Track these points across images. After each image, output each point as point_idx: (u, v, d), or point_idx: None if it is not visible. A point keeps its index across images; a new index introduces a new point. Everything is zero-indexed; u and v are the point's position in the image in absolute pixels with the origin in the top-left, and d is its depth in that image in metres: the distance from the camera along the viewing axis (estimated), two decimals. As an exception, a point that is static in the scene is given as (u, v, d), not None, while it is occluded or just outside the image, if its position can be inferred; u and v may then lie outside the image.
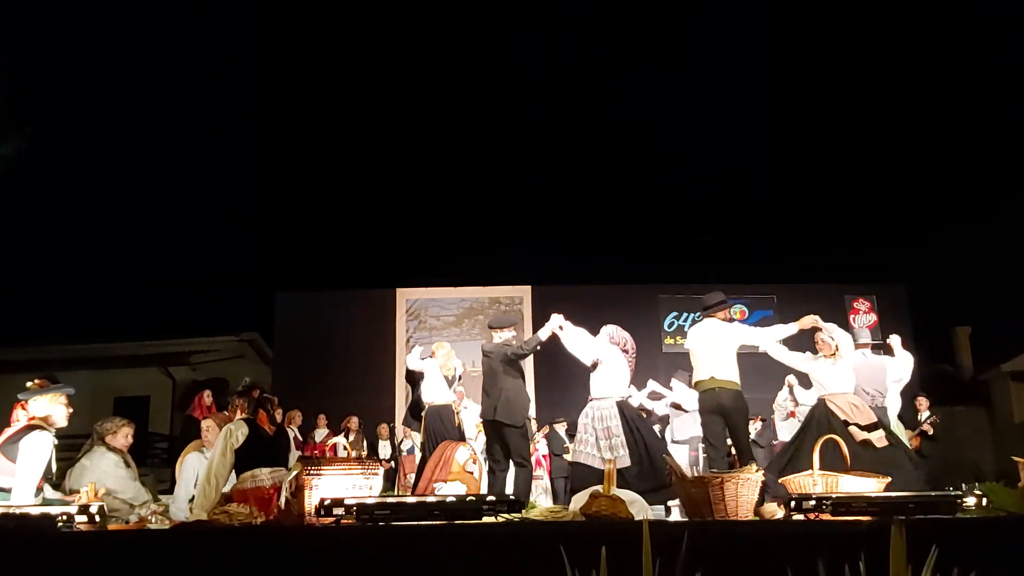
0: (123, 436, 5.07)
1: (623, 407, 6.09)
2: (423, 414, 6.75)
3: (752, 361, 6.30)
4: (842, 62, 28.63)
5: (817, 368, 6.15)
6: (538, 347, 6.30)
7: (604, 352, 6.23)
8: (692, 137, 31.96)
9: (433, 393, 6.73)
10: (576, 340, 6.26)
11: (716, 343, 6.00)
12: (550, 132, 32.97)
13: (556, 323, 6.24)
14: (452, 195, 31.27)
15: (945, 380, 15.61)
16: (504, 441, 6.08)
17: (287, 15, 30.41)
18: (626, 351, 6.31)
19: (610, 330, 6.39)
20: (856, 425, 5.76)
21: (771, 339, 6.05)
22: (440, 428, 6.46)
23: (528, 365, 7.48)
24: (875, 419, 5.93)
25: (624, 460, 5.80)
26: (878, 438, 5.75)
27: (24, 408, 4.38)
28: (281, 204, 30.43)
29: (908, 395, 9.57)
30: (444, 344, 7.04)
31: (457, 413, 6.65)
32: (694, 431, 8.40)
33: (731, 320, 6.25)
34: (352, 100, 32.60)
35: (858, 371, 6.36)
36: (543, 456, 9.93)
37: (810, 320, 5.99)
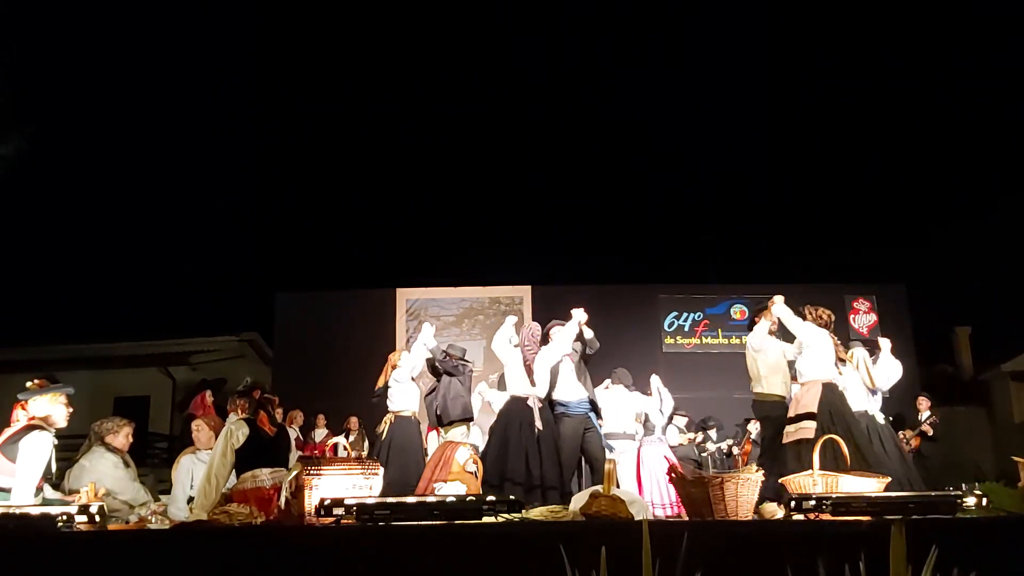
0: (123, 436, 5.05)
1: (506, 407, 6.13)
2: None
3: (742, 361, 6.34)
4: (842, 62, 28.65)
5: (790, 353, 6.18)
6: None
7: (507, 356, 6.31)
8: (692, 137, 32.01)
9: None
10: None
11: (746, 355, 6.15)
12: (550, 132, 33.00)
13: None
14: (452, 195, 31.30)
15: (945, 380, 15.60)
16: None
17: (287, 15, 30.41)
18: (520, 347, 6.34)
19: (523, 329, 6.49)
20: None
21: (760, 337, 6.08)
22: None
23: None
24: (809, 410, 5.59)
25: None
26: (793, 430, 5.58)
27: (24, 408, 4.38)
28: (281, 204, 30.48)
29: (908, 395, 9.59)
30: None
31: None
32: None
33: (752, 327, 6.29)
34: (352, 100, 32.63)
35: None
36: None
37: (772, 300, 6.02)
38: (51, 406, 4.35)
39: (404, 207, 31.90)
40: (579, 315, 6.34)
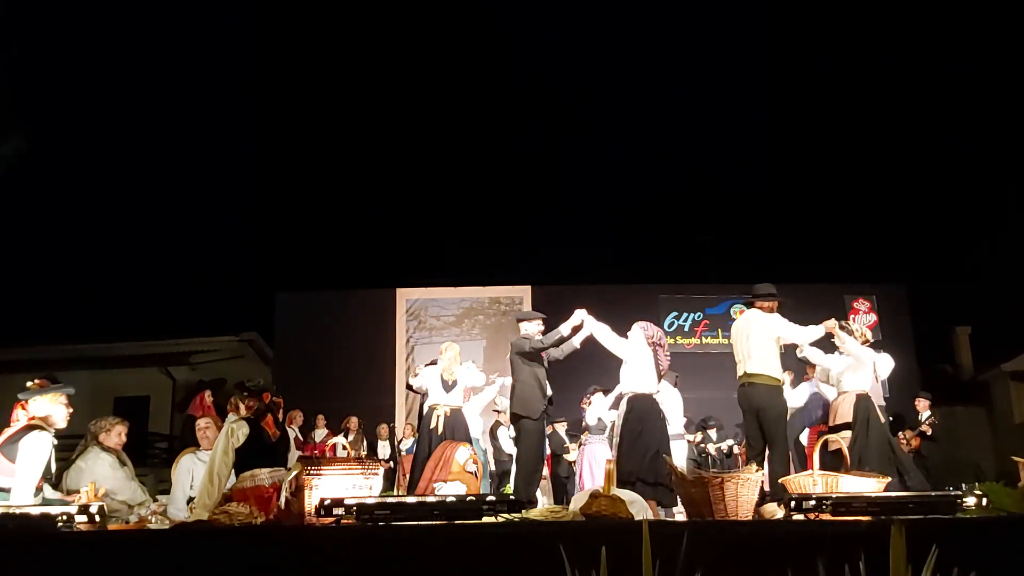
0: (116, 435, 5.02)
1: (634, 402, 5.95)
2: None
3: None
4: (842, 61, 28.68)
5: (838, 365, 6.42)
6: (561, 342, 6.19)
7: (631, 350, 6.13)
8: (692, 136, 32.03)
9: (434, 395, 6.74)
10: (605, 334, 6.10)
11: (751, 334, 5.78)
12: (550, 132, 33.02)
13: (579, 318, 6.11)
14: (452, 195, 31.32)
15: (945, 380, 15.58)
16: (518, 435, 6.19)
17: (287, 14, 30.42)
18: (660, 345, 6.16)
19: (643, 325, 6.22)
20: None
21: (806, 339, 6.00)
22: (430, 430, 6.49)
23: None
24: (846, 420, 6.15)
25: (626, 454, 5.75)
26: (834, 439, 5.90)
27: (24, 408, 4.38)
28: (281, 204, 30.47)
29: (908, 395, 9.58)
30: (452, 346, 6.92)
31: (446, 416, 6.52)
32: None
33: (772, 312, 5.93)
34: (352, 100, 32.64)
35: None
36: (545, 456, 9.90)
37: (831, 324, 5.95)
38: (51, 406, 4.35)
39: (404, 207, 31.91)
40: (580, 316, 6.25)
